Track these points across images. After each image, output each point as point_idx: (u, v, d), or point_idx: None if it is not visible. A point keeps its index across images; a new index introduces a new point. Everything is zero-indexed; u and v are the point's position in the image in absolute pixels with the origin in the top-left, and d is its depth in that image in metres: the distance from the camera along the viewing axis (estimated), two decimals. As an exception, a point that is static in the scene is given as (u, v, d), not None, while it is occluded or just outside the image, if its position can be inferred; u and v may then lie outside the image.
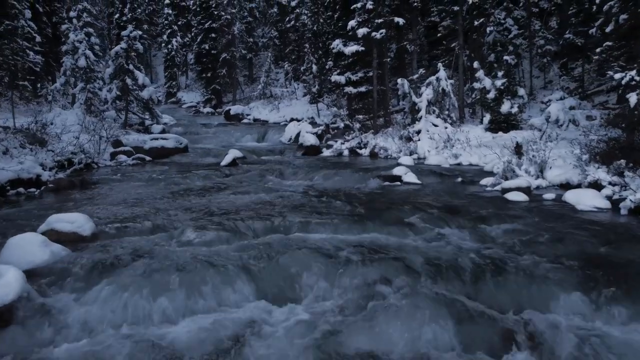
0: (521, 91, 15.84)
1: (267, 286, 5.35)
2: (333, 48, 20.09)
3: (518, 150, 11.31)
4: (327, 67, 26.19)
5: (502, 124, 15.36)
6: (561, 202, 8.79)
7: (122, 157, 14.92)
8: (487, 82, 15.67)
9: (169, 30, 41.97)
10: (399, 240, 6.65)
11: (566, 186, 9.94)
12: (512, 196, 9.19)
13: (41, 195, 10.13)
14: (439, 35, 20.57)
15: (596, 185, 9.26)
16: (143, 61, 46.87)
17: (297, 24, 34.26)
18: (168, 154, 16.61)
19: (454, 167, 13.42)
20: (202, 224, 7.17)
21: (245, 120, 29.63)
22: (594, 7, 12.11)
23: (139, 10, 45.38)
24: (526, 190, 9.46)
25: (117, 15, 45.65)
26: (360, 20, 18.22)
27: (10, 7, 22.79)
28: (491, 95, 15.56)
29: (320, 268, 5.58)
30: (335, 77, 20.36)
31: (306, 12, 32.37)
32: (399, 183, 11.08)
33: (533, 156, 10.83)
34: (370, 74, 19.35)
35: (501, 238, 6.63)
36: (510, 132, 14.84)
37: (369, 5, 17.83)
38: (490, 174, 11.74)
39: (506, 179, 10.46)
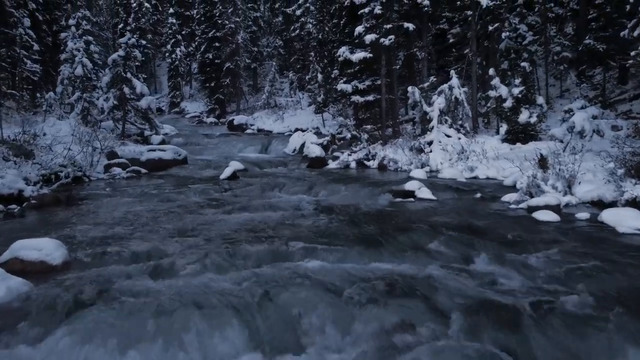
0: (540, 99, 14.91)
1: (264, 332, 4.42)
2: (339, 56, 19.30)
3: (543, 163, 10.35)
4: (332, 75, 25.42)
5: (519, 134, 14.41)
6: (598, 223, 7.80)
7: (116, 170, 14.08)
8: (503, 90, 14.76)
9: (172, 40, 41.56)
10: (419, 271, 5.70)
11: (599, 204, 8.98)
12: (540, 215, 8.22)
13: (22, 213, 9.27)
14: (450, 41, 19.71)
15: (634, 203, 8.28)
16: (147, 71, 46.50)
17: (302, 33, 33.63)
18: (166, 166, 15.78)
19: (470, 180, 12.46)
20: (191, 250, 6.26)
21: (248, 131, 28.88)
22: (628, 7, 11.25)
23: (143, 20, 45.13)
24: (555, 208, 8.50)
25: (121, 25, 45.44)
26: (368, 26, 17.43)
27: (8, 15, 22.28)
28: (508, 104, 14.63)
29: (327, 309, 4.65)
30: (341, 86, 19.53)
31: (311, 20, 31.75)
32: (412, 199, 10.14)
33: (560, 170, 9.86)
34: (378, 82, 18.51)
35: (540, 269, 5.66)
36: (530, 144, 13.89)
37: (377, 11, 17.04)
38: (511, 188, 10.80)
39: (531, 195, 9.51)
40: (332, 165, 16.71)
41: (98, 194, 10.82)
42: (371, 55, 17.69)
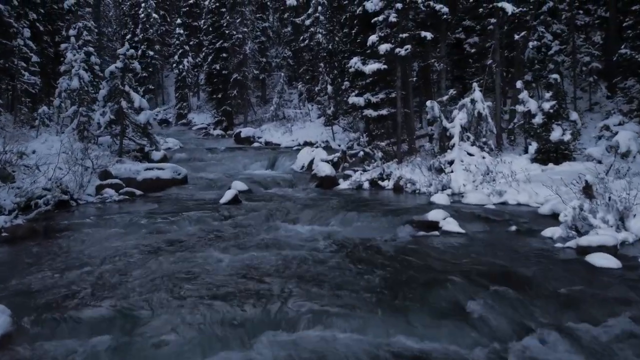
0: (573, 115, 13.50)
1: None
2: (350, 67, 18.10)
3: (588, 191, 8.96)
4: (342, 87, 24.25)
5: (551, 153, 13.00)
6: (670, 271, 6.41)
7: (109, 192, 12.92)
8: (532, 104, 13.40)
9: (180, 51, 40.81)
10: (461, 351, 4.37)
11: (660, 242, 7.59)
12: (596, 260, 6.83)
13: (-10, 249, 8.10)
14: (472, 51, 18.41)
15: None
16: (155, 82, 45.81)
17: (312, 43, 32.57)
18: (164, 186, 14.59)
19: (499, 207, 11.03)
20: (171, 314, 4.99)
21: (255, 144, 27.73)
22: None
23: (151, 30, 44.56)
24: (612, 250, 7.12)
25: (129, 36, 44.89)
26: (382, 35, 16.21)
27: (7, 26, 21.46)
28: (538, 119, 13.26)
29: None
30: (353, 99, 18.30)
31: (321, 30, 30.72)
32: (436, 232, 8.79)
33: (610, 199, 8.48)
34: (393, 94, 17.26)
35: (621, 351, 4.30)
36: (563, 164, 12.50)
37: (392, 19, 15.82)
38: (549, 218, 9.44)
39: (577, 229, 8.15)
40: (343, 185, 15.41)
41: (81, 224, 9.61)
42: (386, 66, 16.46)
